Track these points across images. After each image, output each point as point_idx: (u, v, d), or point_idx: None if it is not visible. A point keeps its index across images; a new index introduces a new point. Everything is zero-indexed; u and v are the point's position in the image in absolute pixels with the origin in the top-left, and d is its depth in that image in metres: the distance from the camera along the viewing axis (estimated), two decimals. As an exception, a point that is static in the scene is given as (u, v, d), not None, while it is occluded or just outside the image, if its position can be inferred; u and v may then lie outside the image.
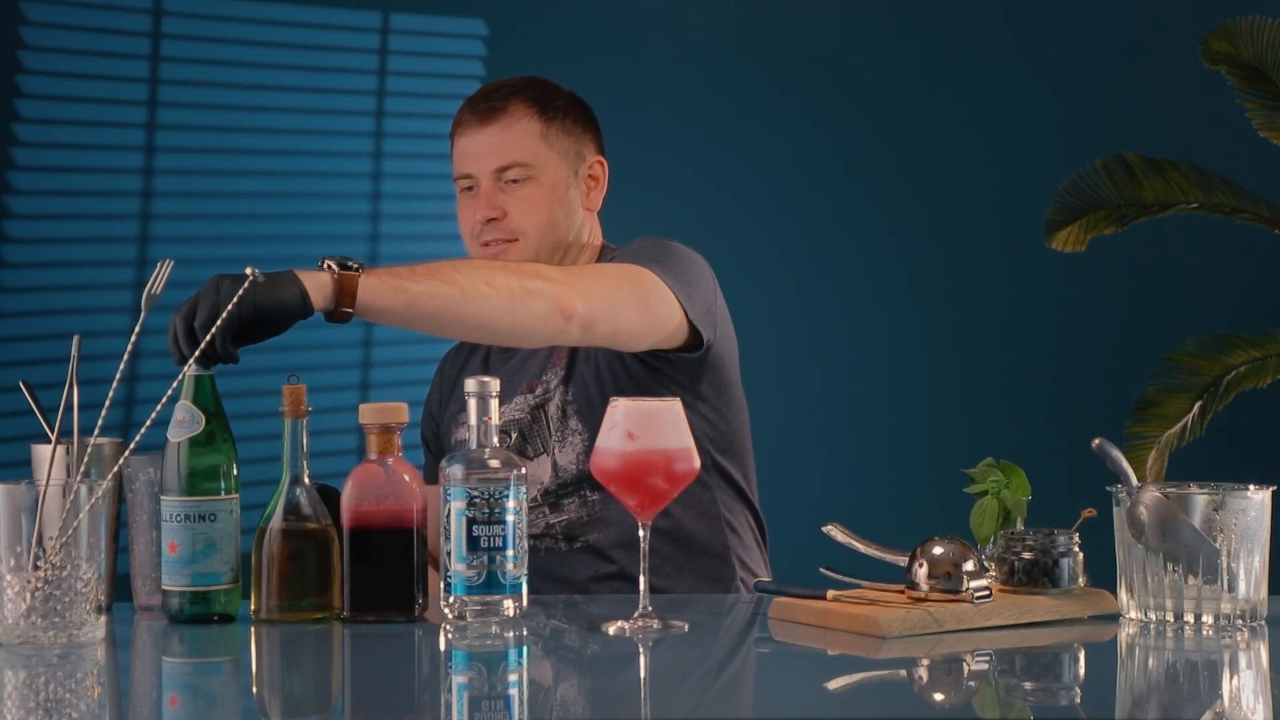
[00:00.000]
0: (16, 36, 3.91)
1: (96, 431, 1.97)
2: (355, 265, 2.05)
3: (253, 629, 1.95)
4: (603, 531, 2.36)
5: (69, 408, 1.95)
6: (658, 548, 2.32)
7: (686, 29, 4.11)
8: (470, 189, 2.45)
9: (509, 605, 1.92)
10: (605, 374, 2.36)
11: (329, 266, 2.04)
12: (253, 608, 1.97)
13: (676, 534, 2.36)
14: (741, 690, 1.70)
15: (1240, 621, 1.86)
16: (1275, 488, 1.90)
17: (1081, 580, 1.97)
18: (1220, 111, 3.70)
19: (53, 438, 1.94)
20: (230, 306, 1.91)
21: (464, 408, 2.04)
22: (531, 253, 2.43)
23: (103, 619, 1.84)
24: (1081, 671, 1.81)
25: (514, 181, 2.43)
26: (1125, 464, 1.95)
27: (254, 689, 1.75)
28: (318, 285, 2.01)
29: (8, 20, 3.90)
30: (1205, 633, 1.85)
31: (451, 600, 1.92)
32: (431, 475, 2.43)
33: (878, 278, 4.11)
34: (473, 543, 1.91)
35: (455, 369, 2.57)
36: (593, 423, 2.32)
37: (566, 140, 2.47)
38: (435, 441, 2.57)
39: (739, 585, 2.38)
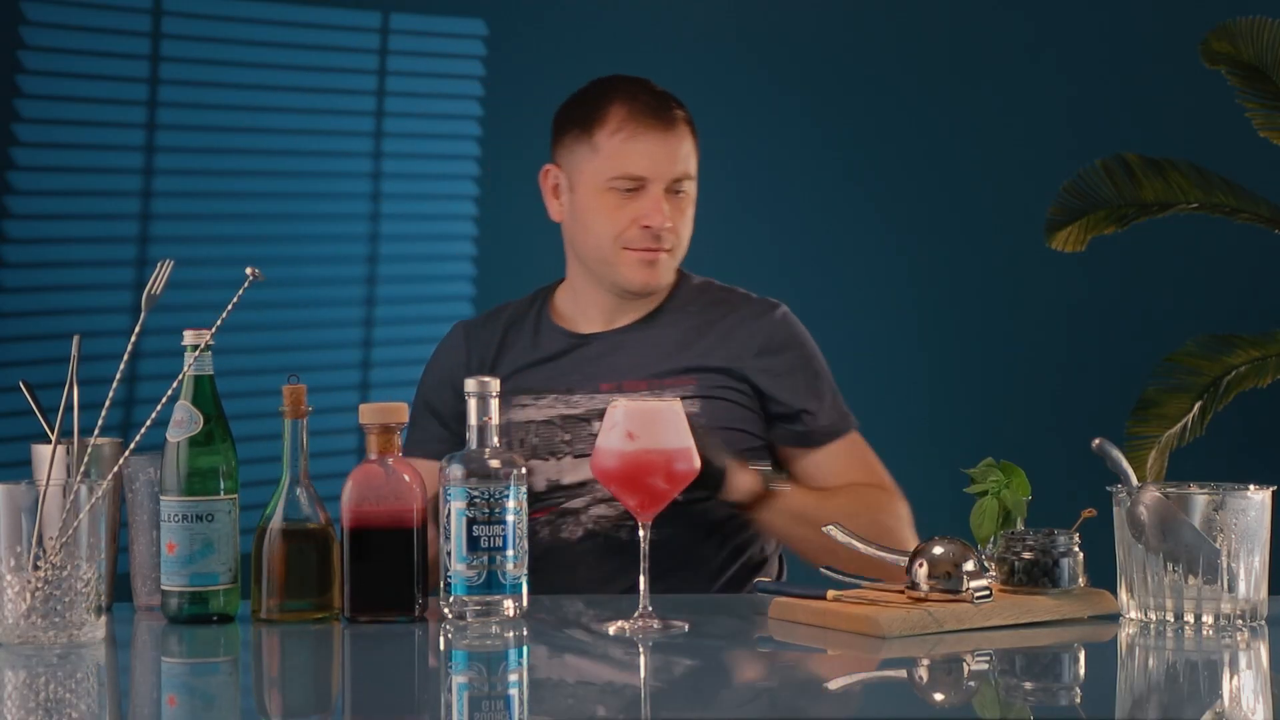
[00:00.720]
0: (16, 36, 3.90)
1: (96, 431, 1.97)
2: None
3: (253, 629, 1.95)
4: (666, 530, 2.36)
5: (69, 408, 1.95)
6: (708, 555, 2.37)
7: (686, 29, 4.11)
8: (631, 191, 2.39)
9: (509, 605, 1.92)
10: (739, 416, 2.41)
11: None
12: (253, 608, 1.97)
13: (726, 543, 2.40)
14: (741, 690, 1.71)
15: (1240, 621, 1.86)
16: (1275, 488, 1.91)
17: (1081, 580, 1.97)
18: (1220, 111, 3.70)
19: (53, 438, 1.94)
20: None
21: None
22: (674, 265, 2.44)
23: (103, 619, 1.84)
24: (1081, 671, 1.81)
25: (678, 192, 2.41)
26: (1125, 464, 1.95)
27: (254, 689, 1.75)
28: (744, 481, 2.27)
29: (8, 20, 3.89)
30: (1205, 633, 1.85)
31: (451, 600, 1.92)
32: (434, 448, 2.41)
33: (878, 278, 4.11)
34: (473, 543, 1.91)
35: (490, 349, 2.49)
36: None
37: (698, 156, 2.47)
38: (455, 418, 2.44)
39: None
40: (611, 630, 1.89)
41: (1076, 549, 1.98)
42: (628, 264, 2.41)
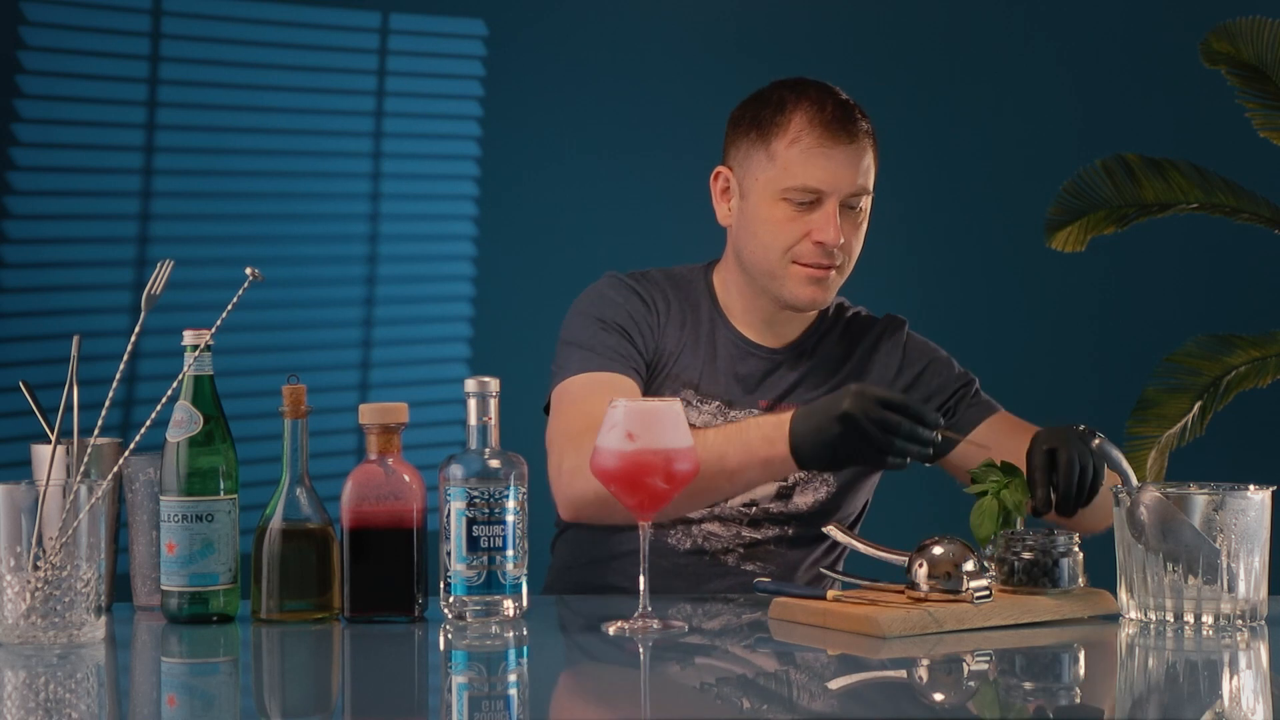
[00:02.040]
0: (16, 36, 3.91)
1: (96, 431, 1.97)
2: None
3: (253, 629, 1.95)
4: (771, 565, 2.36)
5: (69, 408, 1.95)
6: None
7: (686, 29, 4.11)
8: (806, 204, 2.29)
9: (509, 605, 1.92)
10: None
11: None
12: (253, 608, 1.97)
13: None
14: (742, 690, 1.70)
15: (1240, 621, 1.86)
16: (1275, 488, 1.91)
17: (1081, 580, 1.97)
18: (1220, 111, 3.70)
19: (53, 438, 1.94)
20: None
21: (674, 370, 2.17)
22: (840, 283, 2.37)
23: (103, 619, 1.84)
24: (1081, 671, 1.81)
25: (852, 208, 2.33)
26: (1125, 464, 1.95)
27: (254, 689, 1.75)
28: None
29: (8, 20, 3.89)
30: (1205, 633, 1.85)
31: (451, 600, 1.92)
32: (621, 365, 2.30)
33: (877, 277, 4.09)
34: (473, 543, 1.91)
35: (665, 315, 2.38)
36: (843, 478, 2.38)
37: (877, 169, 2.40)
38: (643, 351, 2.36)
39: None
40: (611, 630, 1.89)
41: (1076, 549, 1.98)
42: (795, 279, 2.32)
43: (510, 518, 1.91)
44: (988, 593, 1.90)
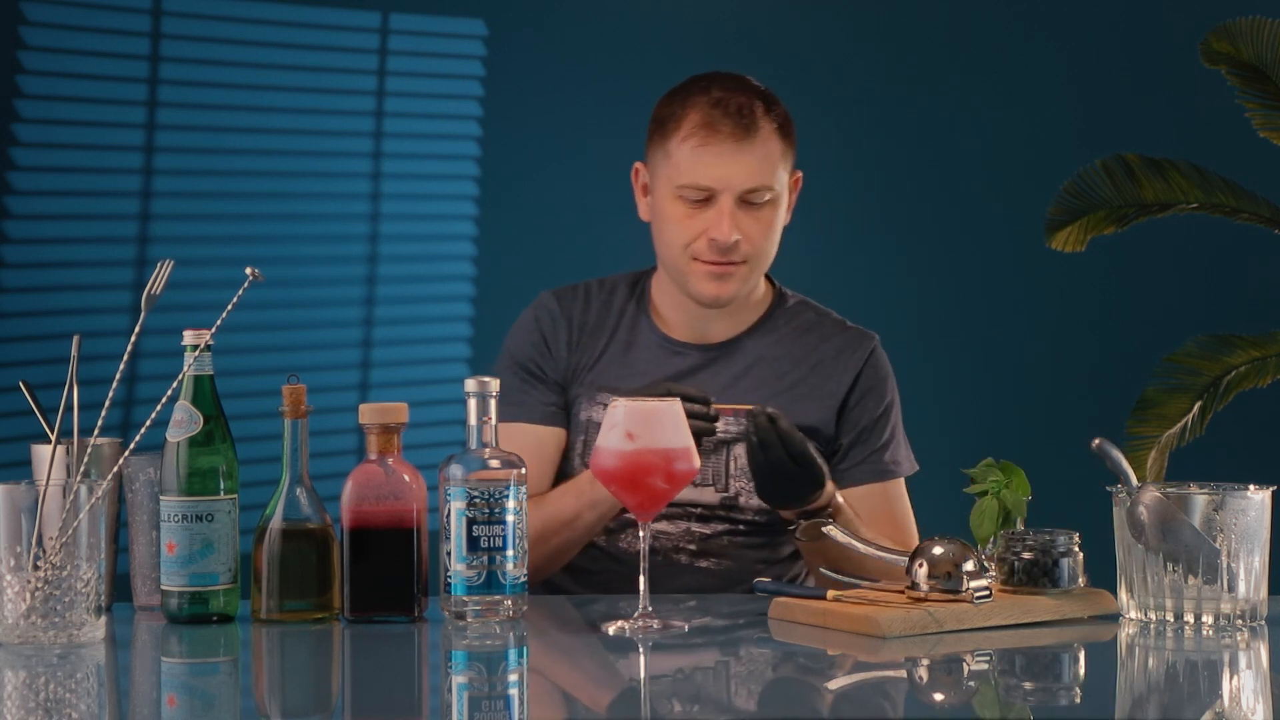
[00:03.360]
0: (16, 36, 3.90)
1: (96, 431, 1.97)
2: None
3: (253, 629, 1.95)
4: (725, 561, 2.36)
5: (69, 408, 1.95)
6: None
7: (686, 29, 4.11)
8: (700, 201, 2.29)
9: (509, 605, 1.92)
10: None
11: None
12: (253, 608, 1.97)
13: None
14: (741, 690, 1.71)
15: (1240, 621, 1.86)
16: (1275, 488, 1.91)
17: (1081, 580, 1.97)
18: (1220, 111, 3.70)
19: (53, 438, 1.94)
20: None
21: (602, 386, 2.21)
22: (753, 279, 2.35)
23: (103, 619, 1.84)
24: (1081, 671, 1.81)
25: (753, 204, 2.30)
26: (1125, 464, 1.95)
27: (254, 689, 1.75)
28: None
29: (8, 20, 3.89)
30: (1205, 633, 1.85)
31: (451, 600, 1.92)
32: (541, 411, 2.36)
33: (878, 278, 4.11)
34: (473, 543, 1.91)
35: (586, 327, 2.42)
36: None
37: (791, 160, 2.38)
38: (558, 383, 2.40)
39: None
40: (611, 630, 1.89)
41: (1076, 549, 1.98)
42: (696, 275, 2.31)
43: (510, 518, 1.92)
44: (988, 593, 1.90)
